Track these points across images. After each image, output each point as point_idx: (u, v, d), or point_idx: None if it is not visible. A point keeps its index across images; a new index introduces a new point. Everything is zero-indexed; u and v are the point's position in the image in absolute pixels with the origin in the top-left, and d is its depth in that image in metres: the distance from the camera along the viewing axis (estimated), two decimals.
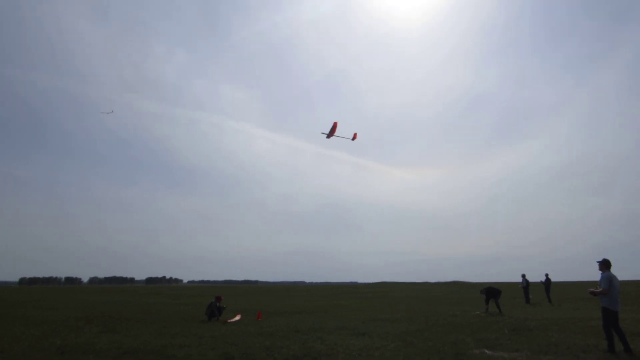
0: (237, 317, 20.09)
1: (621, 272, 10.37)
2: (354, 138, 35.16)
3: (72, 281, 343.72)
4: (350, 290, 67.87)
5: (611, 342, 9.84)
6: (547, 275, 30.93)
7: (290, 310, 25.90)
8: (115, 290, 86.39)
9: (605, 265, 10.22)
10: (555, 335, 13.03)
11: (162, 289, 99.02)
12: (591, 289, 10.50)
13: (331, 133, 33.48)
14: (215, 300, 19.93)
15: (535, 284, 34.75)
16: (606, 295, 9.89)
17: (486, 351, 10.49)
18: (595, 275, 10.70)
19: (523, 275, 30.92)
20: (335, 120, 33.85)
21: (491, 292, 22.54)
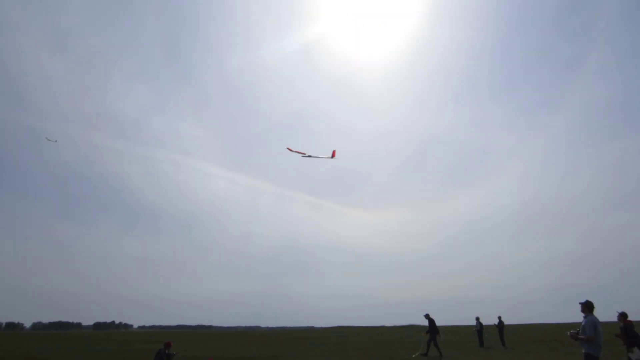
0: None
1: (575, 313, 10.12)
2: (332, 156, 32.97)
3: (13, 327, 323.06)
4: (306, 335, 66.60)
5: None
6: (499, 318, 31.30)
7: (243, 357, 25.11)
8: (59, 336, 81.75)
9: (588, 308, 9.83)
10: None
11: (111, 334, 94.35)
12: (573, 332, 10.04)
13: (307, 154, 32.12)
14: (164, 347, 19.05)
15: (489, 326, 35.06)
16: (591, 342, 9.54)
17: None
18: (548, 317, 10.69)
19: (477, 318, 31.19)
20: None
21: (433, 327, 22.89)
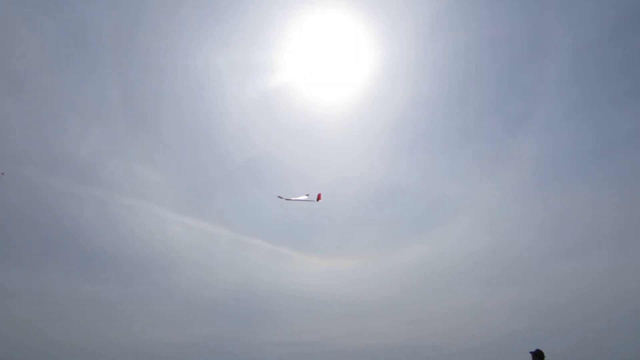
0: None
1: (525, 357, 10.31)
2: (318, 199, 31.17)
3: None
4: None
5: None
6: None
7: None
8: None
9: (538, 357, 9.78)
10: None
11: None
12: None
13: (293, 197, 30.47)
14: None
15: None
16: None
17: None
18: None
19: None
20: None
21: None
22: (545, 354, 9.73)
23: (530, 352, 9.88)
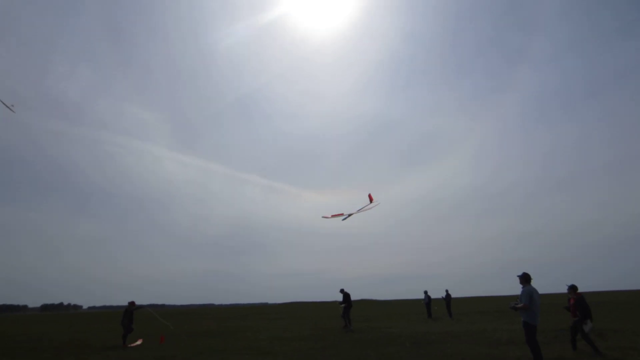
0: (139, 342, 19.07)
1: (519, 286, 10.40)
2: (370, 200, 26.17)
3: None
4: (259, 311, 66.95)
5: (538, 355, 9.83)
6: (447, 291, 32.53)
7: (195, 332, 25.01)
8: (3, 319, 78.72)
9: (525, 279, 10.23)
10: (452, 347, 13.69)
11: (59, 316, 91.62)
12: (512, 304, 10.51)
13: (347, 213, 25.93)
14: (129, 306, 19.13)
15: (437, 300, 36.39)
16: (527, 310, 9.93)
17: None
18: (495, 290, 11.04)
19: (425, 292, 32.33)
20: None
21: (348, 300, 23.81)
22: (531, 277, 10.27)
23: (518, 276, 10.30)
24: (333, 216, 25.23)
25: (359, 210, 24.70)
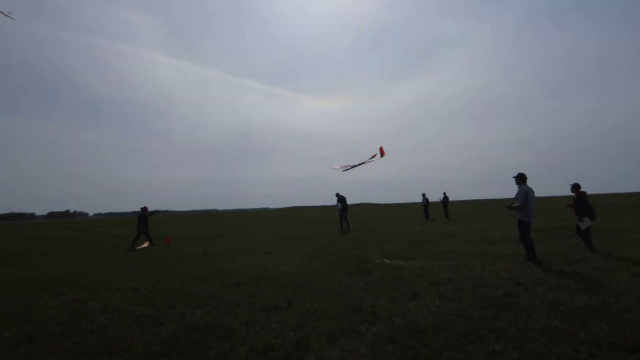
0: (145, 244, 19.68)
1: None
2: (382, 154, 25.00)
3: None
4: (262, 215, 68.80)
5: (530, 251, 10.14)
6: (444, 194, 33.11)
7: (199, 235, 25.80)
8: (12, 226, 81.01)
9: (521, 179, 10.36)
10: (449, 245, 14.15)
11: (66, 223, 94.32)
12: (507, 203, 10.73)
13: (352, 165, 24.86)
14: (142, 211, 19.88)
15: (435, 202, 37.17)
16: (522, 209, 10.11)
17: (386, 260, 11.16)
18: (492, 194, 11.20)
19: (423, 195, 32.95)
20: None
21: (344, 204, 24.22)
22: (527, 177, 10.42)
23: (513, 177, 10.45)
24: (342, 167, 24.89)
25: (363, 162, 23.99)
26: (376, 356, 4.41)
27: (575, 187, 11.87)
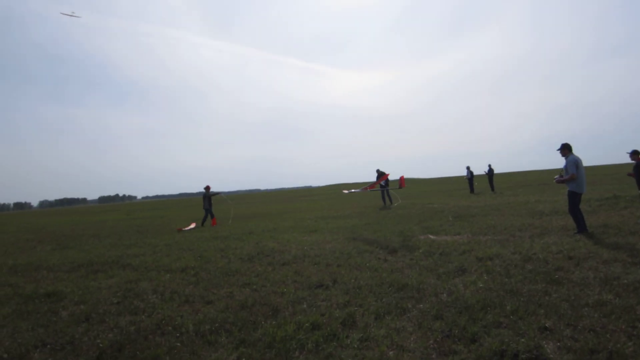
0: (192, 226, 20.23)
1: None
2: (401, 185, 23.03)
3: (21, 206, 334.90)
4: (304, 194, 69.36)
5: (581, 223, 9.80)
6: (489, 166, 32.40)
7: (244, 215, 26.28)
8: (66, 211, 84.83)
9: (567, 149, 9.94)
10: (495, 219, 13.87)
11: (116, 206, 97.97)
12: (557, 177, 10.28)
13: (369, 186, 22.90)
14: (206, 190, 20.82)
15: (480, 175, 36.46)
16: (575, 179, 9.70)
17: (430, 236, 11.07)
18: (539, 165, 10.76)
19: (468, 167, 32.30)
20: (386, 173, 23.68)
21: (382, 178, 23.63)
22: (572, 147, 10.00)
23: (558, 149, 10.08)
24: (353, 190, 24.14)
25: (371, 187, 22.39)
26: (423, 333, 4.41)
27: (635, 153, 11.22)
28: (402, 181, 23.15)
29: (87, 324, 5.54)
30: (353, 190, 24.36)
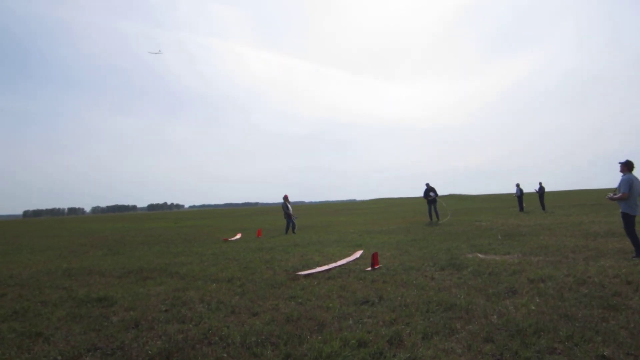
0: (238, 236, 20.57)
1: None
2: (374, 265, 19.67)
3: (74, 211, 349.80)
4: (349, 207, 69.24)
5: (639, 245, 9.30)
6: (540, 184, 31.40)
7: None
8: (117, 217, 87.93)
9: (627, 166, 9.44)
10: (546, 239, 13.43)
11: (164, 214, 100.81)
12: (610, 195, 9.90)
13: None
14: (284, 200, 21.45)
15: (530, 193, 35.40)
16: (626, 199, 9.29)
17: (479, 255, 10.83)
18: (592, 183, 10.38)
19: (517, 185, 31.43)
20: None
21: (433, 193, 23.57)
22: (634, 166, 9.49)
23: (620, 163, 9.54)
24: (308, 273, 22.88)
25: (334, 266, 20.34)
26: (473, 356, 4.32)
27: (627, 164, 10.65)
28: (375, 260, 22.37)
29: (136, 330, 5.69)
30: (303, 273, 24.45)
